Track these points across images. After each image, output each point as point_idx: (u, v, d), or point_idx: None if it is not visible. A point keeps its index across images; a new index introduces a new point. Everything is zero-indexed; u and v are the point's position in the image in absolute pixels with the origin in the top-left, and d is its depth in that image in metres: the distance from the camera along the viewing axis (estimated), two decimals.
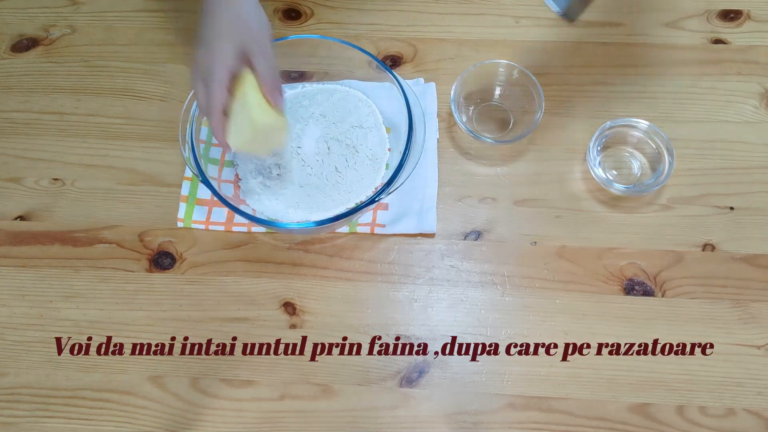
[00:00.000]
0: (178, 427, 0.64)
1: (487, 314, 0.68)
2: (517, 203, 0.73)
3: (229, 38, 0.58)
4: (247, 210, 0.69)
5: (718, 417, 0.63)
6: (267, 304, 0.68)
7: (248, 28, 0.59)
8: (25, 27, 0.85)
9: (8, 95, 0.81)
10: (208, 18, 0.59)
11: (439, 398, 0.64)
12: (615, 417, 0.63)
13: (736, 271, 0.69)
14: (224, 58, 0.58)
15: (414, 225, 0.71)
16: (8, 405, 0.65)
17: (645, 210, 0.72)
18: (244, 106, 0.59)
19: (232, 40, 0.58)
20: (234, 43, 0.58)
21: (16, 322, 0.69)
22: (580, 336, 0.66)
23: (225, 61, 0.58)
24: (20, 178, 0.76)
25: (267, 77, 0.59)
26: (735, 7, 0.83)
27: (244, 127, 0.60)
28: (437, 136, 0.75)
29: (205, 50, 0.58)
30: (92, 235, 0.72)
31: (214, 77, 0.58)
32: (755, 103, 0.77)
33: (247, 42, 0.59)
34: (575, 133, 0.76)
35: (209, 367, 0.66)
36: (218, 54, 0.58)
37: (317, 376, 0.65)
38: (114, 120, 0.79)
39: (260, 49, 0.59)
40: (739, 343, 0.66)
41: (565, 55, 0.81)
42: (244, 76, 0.59)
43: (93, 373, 0.66)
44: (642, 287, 0.68)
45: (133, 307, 0.69)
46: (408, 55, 0.81)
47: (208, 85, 0.58)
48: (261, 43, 0.60)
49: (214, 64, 0.58)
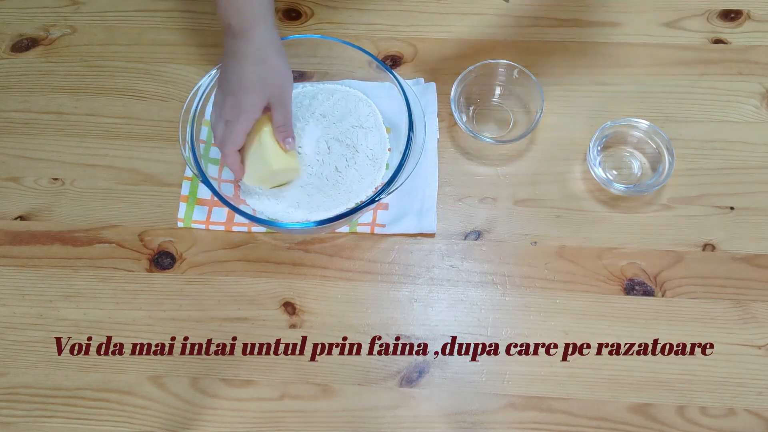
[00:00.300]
0: (178, 427, 0.64)
1: (487, 314, 0.67)
2: (517, 203, 0.73)
3: (258, 93, 0.62)
4: (247, 210, 0.69)
5: (719, 417, 0.63)
6: (267, 304, 0.68)
7: (276, 86, 0.64)
8: (25, 27, 0.85)
9: (8, 95, 0.81)
10: (239, 67, 0.62)
11: (439, 398, 0.64)
12: (615, 417, 0.63)
13: (736, 271, 0.69)
14: (252, 110, 0.63)
15: (414, 225, 0.71)
16: (8, 405, 0.65)
17: (645, 210, 0.72)
18: (260, 150, 0.65)
19: (261, 95, 0.63)
20: (262, 97, 0.63)
21: (16, 322, 0.69)
22: (580, 336, 0.66)
23: (252, 113, 0.63)
24: (20, 177, 0.76)
25: (283, 127, 0.66)
26: (735, 7, 0.83)
27: (260, 168, 0.66)
28: (437, 136, 0.75)
29: (233, 99, 0.62)
30: (92, 235, 0.72)
31: (239, 125, 0.63)
32: (755, 103, 0.77)
33: (272, 96, 0.64)
34: (575, 133, 0.76)
35: (209, 367, 0.66)
36: (247, 106, 0.62)
37: (317, 376, 0.65)
38: (114, 120, 0.79)
39: (281, 102, 0.65)
40: (739, 343, 0.65)
41: (565, 55, 0.81)
42: (262, 121, 0.65)
43: (93, 373, 0.66)
44: (642, 287, 0.68)
45: (133, 307, 0.69)
46: (408, 55, 0.81)
47: (231, 127, 0.63)
48: (283, 97, 0.65)
49: (240, 115, 0.62)
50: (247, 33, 0.61)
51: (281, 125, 0.65)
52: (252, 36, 0.61)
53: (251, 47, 0.61)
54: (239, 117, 0.62)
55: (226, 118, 0.63)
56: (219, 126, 0.64)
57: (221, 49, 0.81)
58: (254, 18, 0.61)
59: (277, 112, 0.65)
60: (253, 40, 0.61)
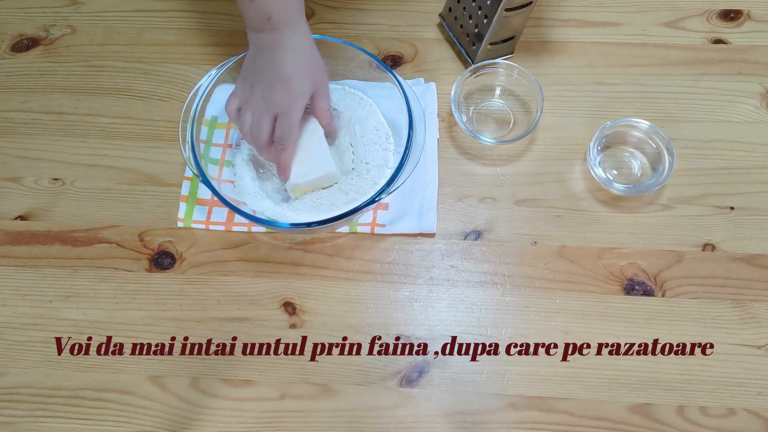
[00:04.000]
0: (178, 427, 0.64)
1: (487, 314, 0.67)
2: (517, 203, 0.73)
3: (308, 77, 0.62)
4: (247, 210, 0.69)
5: (719, 417, 0.63)
6: (267, 304, 0.68)
7: (321, 72, 0.64)
8: (25, 27, 0.85)
9: (8, 95, 0.81)
10: (282, 53, 0.61)
11: (439, 398, 0.64)
12: (615, 417, 0.63)
13: (736, 271, 0.69)
14: (303, 97, 0.62)
15: (414, 225, 0.71)
16: (8, 405, 0.65)
17: (645, 210, 0.72)
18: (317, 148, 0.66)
19: (312, 80, 0.62)
20: (312, 82, 0.62)
21: (16, 322, 0.69)
22: (580, 336, 0.66)
23: (304, 98, 0.62)
24: (20, 177, 0.76)
25: (327, 114, 0.66)
26: (735, 7, 0.83)
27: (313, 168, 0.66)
28: (437, 136, 0.75)
29: (282, 85, 0.61)
30: (92, 235, 0.72)
31: (294, 112, 0.62)
32: (755, 103, 0.77)
33: (319, 83, 0.63)
34: (575, 133, 0.76)
35: (209, 367, 0.66)
36: (299, 90, 0.61)
37: (317, 375, 0.65)
38: (114, 120, 0.79)
39: (324, 91, 0.65)
40: (739, 343, 0.65)
41: (565, 55, 0.81)
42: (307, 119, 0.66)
43: (93, 372, 0.66)
44: (642, 287, 0.68)
45: (133, 307, 0.69)
46: (408, 55, 0.81)
47: (287, 118, 0.62)
48: (325, 85, 0.65)
49: (295, 101, 0.61)
50: (293, 24, 0.61)
51: (327, 110, 0.66)
52: (297, 27, 0.62)
53: (296, 37, 0.61)
54: (294, 104, 0.61)
55: (278, 111, 0.62)
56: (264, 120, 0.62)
57: (221, 49, 0.82)
58: (299, 10, 0.62)
59: (322, 99, 0.65)
60: (298, 30, 0.62)
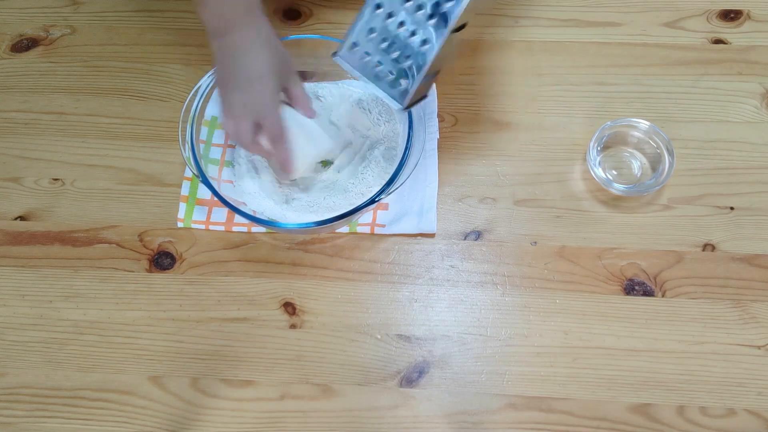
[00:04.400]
0: (178, 427, 0.64)
1: (487, 314, 0.67)
2: (517, 203, 0.73)
3: (276, 72, 0.61)
4: (247, 210, 0.69)
5: (719, 417, 0.63)
6: (267, 304, 0.68)
7: (286, 61, 0.64)
8: (25, 27, 0.85)
9: (8, 95, 0.81)
10: (245, 55, 0.61)
11: (439, 398, 0.64)
12: (615, 417, 0.63)
13: (736, 271, 0.69)
14: (277, 89, 0.62)
15: (414, 225, 0.70)
16: (8, 405, 0.65)
17: (645, 210, 0.72)
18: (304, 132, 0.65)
19: (280, 73, 0.62)
20: (280, 78, 0.62)
21: (16, 322, 0.69)
22: (580, 336, 0.66)
23: (278, 92, 0.62)
24: (20, 178, 0.76)
25: (304, 100, 0.66)
26: (735, 7, 0.83)
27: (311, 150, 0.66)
28: (437, 136, 0.75)
29: (255, 87, 0.60)
30: (92, 235, 0.72)
31: (271, 111, 0.61)
32: (755, 103, 0.77)
33: (287, 74, 0.64)
34: (575, 133, 0.76)
35: (209, 367, 0.66)
36: (271, 87, 0.61)
37: (317, 376, 0.65)
38: (114, 120, 0.79)
39: (295, 78, 0.65)
40: (739, 343, 0.65)
41: (565, 55, 0.81)
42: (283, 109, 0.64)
43: (93, 373, 0.66)
44: (642, 287, 0.68)
45: (133, 307, 0.69)
46: None
47: (267, 119, 0.61)
48: (294, 73, 0.65)
49: (271, 100, 0.61)
50: (249, 20, 0.61)
51: (303, 96, 0.66)
52: (252, 21, 0.61)
53: (254, 32, 0.61)
54: (268, 104, 0.61)
55: (254, 114, 0.61)
56: (242, 126, 0.61)
57: None
58: (247, 6, 0.61)
59: (295, 87, 0.65)
60: (254, 25, 0.61)
